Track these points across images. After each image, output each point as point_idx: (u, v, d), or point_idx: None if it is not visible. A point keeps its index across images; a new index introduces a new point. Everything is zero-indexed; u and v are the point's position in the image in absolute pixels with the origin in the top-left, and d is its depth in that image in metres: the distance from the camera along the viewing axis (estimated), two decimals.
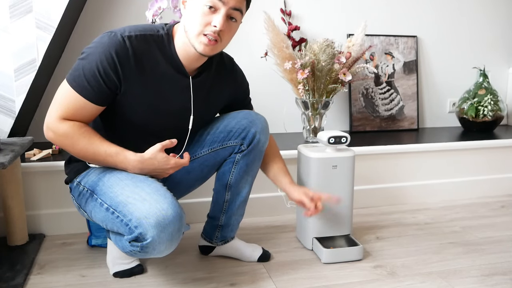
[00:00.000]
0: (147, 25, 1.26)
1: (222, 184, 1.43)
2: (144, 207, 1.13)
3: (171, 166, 1.22)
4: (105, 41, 1.17)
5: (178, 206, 1.17)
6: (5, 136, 1.71)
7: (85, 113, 1.20)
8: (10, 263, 1.45)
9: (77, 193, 1.32)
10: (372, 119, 2.46)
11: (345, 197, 1.57)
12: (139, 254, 1.17)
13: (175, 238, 1.16)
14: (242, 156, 1.39)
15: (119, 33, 1.19)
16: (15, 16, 1.64)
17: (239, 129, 1.38)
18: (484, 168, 2.24)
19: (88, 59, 1.17)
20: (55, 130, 1.19)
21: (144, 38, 1.21)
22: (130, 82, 1.20)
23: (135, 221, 1.13)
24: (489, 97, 2.44)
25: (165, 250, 1.16)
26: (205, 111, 1.37)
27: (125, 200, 1.17)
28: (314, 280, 1.40)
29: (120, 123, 1.29)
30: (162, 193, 1.17)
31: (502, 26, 2.70)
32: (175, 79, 1.27)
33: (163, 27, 1.27)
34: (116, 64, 1.17)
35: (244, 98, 1.49)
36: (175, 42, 1.25)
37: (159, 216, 1.12)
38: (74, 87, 1.18)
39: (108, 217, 1.20)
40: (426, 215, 1.98)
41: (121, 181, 1.22)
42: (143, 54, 1.20)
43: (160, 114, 1.28)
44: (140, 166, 1.22)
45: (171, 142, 1.21)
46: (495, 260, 1.54)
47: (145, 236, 1.12)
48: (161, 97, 1.26)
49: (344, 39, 2.38)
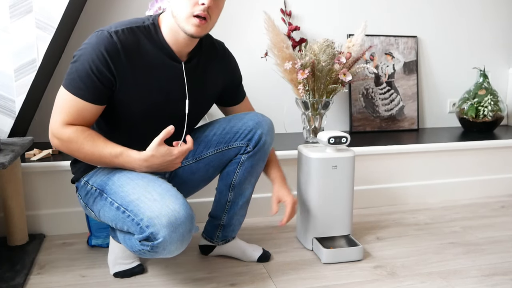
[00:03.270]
0: (132, 19, 1.27)
1: (226, 184, 1.43)
2: (156, 207, 1.13)
3: (175, 156, 1.22)
4: (93, 41, 1.19)
5: (189, 207, 1.17)
6: (5, 136, 1.71)
7: (86, 115, 1.21)
8: (10, 263, 1.45)
9: (84, 192, 1.32)
10: (372, 119, 2.46)
11: (345, 197, 1.58)
12: (148, 253, 1.17)
13: (186, 239, 1.16)
14: (247, 157, 1.39)
15: (106, 30, 1.20)
16: (15, 16, 1.65)
17: (245, 130, 1.38)
18: (484, 168, 2.24)
19: (80, 60, 1.18)
20: (59, 137, 1.20)
21: (131, 30, 1.22)
22: (124, 76, 1.21)
23: (146, 220, 1.13)
24: (489, 97, 2.44)
25: (175, 250, 1.16)
26: (200, 95, 1.37)
27: (136, 199, 1.17)
28: (314, 281, 1.40)
29: (121, 120, 1.29)
30: (173, 194, 1.17)
31: (502, 26, 2.70)
32: (167, 66, 1.27)
33: (149, 18, 1.28)
34: (108, 61, 1.18)
35: (239, 84, 1.50)
36: (163, 30, 1.26)
37: (171, 216, 1.12)
38: (71, 90, 1.19)
39: (119, 216, 1.20)
40: (426, 215, 1.98)
41: (131, 180, 1.22)
42: (132, 47, 1.21)
43: (157, 103, 1.29)
44: (146, 164, 1.22)
45: (168, 132, 1.20)
46: (495, 260, 1.54)
47: (156, 236, 1.12)
48: (156, 86, 1.27)
49: (344, 39, 2.38)
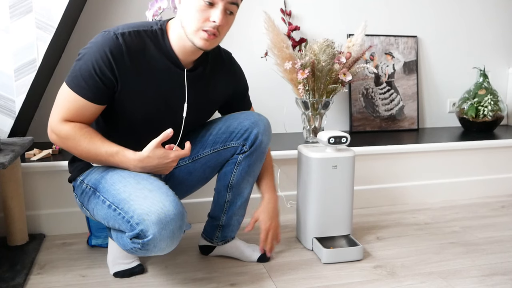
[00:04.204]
0: (140, 22, 1.27)
1: (224, 185, 1.43)
2: (146, 204, 1.14)
3: (171, 159, 1.22)
4: (99, 41, 1.19)
5: (180, 204, 1.17)
6: (5, 136, 1.71)
7: (86, 113, 1.21)
8: (10, 263, 1.45)
9: (80, 191, 1.32)
10: (372, 119, 2.46)
11: (345, 197, 1.58)
12: (140, 251, 1.17)
13: (176, 236, 1.16)
14: (244, 157, 1.39)
15: (113, 31, 1.20)
16: (15, 16, 1.64)
17: (241, 130, 1.38)
18: (484, 168, 2.24)
19: (84, 59, 1.18)
20: (57, 132, 1.21)
21: (138, 34, 1.22)
22: (126, 78, 1.21)
23: (136, 218, 1.13)
24: (489, 97, 2.43)
25: (166, 247, 1.16)
26: (200, 104, 1.36)
27: (127, 197, 1.17)
28: (314, 280, 1.40)
29: (120, 121, 1.29)
30: (164, 191, 1.18)
31: (502, 26, 2.70)
32: (170, 73, 1.27)
33: (157, 23, 1.28)
34: (111, 62, 1.18)
35: (243, 95, 1.49)
36: (170, 37, 1.25)
37: (161, 213, 1.12)
38: (73, 88, 1.19)
39: (110, 214, 1.21)
40: (426, 215, 1.98)
41: (123, 178, 1.22)
42: (137, 50, 1.21)
43: (159, 108, 1.29)
44: (141, 165, 1.22)
45: (167, 135, 1.20)
46: (495, 260, 1.54)
47: (146, 233, 1.12)
48: (158, 91, 1.27)
49: (344, 39, 2.38)
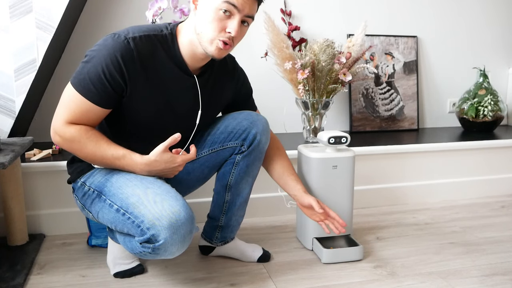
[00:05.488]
0: (150, 25, 1.25)
1: (222, 185, 1.43)
2: (156, 209, 1.13)
3: (178, 163, 1.21)
4: (109, 44, 1.16)
5: (189, 208, 1.17)
6: (5, 136, 1.71)
7: (91, 116, 1.19)
8: (10, 263, 1.45)
9: (81, 194, 1.31)
10: (372, 119, 2.46)
11: (345, 197, 1.57)
12: (150, 255, 1.17)
13: (187, 240, 1.16)
14: (242, 157, 1.39)
15: (123, 34, 1.18)
16: (15, 16, 1.64)
17: (239, 130, 1.37)
18: (484, 168, 2.24)
19: (93, 62, 1.16)
20: (61, 135, 1.19)
21: (148, 38, 1.21)
22: (135, 84, 1.20)
23: (147, 222, 1.13)
24: (489, 97, 2.44)
25: (176, 251, 1.16)
26: (209, 109, 1.37)
27: (136, 201, 1.16)
28: (314, 280, 1.40)
29: (126, 125, 1.28)
30: (173, 195, 1.17)
31: (502, 26, 2.70)
32: (180, 79, 1.26)
33: (167, 26, 1.26)
34: (122, 67, 1.16)
35: (247, 98, 1.49)
36: (179, 42, 1.25)
37: (172, 218, 1.12)
38: (80, 90, 1.17)
39: (118, 219, 1.20)
40: (426, 215, 1.98)
41: (130, 182, 1.21)
42: (148, 55, 1.20)
43: (166, 114, 1.28)
44: (147, 169, 1.21)
45: (174, 139, 1.19)
46: (495, 260, 1.54)
47: (158, 238, 1.12)
48: (167, 97, 1.26)
49: (344, 39, 2.38)
